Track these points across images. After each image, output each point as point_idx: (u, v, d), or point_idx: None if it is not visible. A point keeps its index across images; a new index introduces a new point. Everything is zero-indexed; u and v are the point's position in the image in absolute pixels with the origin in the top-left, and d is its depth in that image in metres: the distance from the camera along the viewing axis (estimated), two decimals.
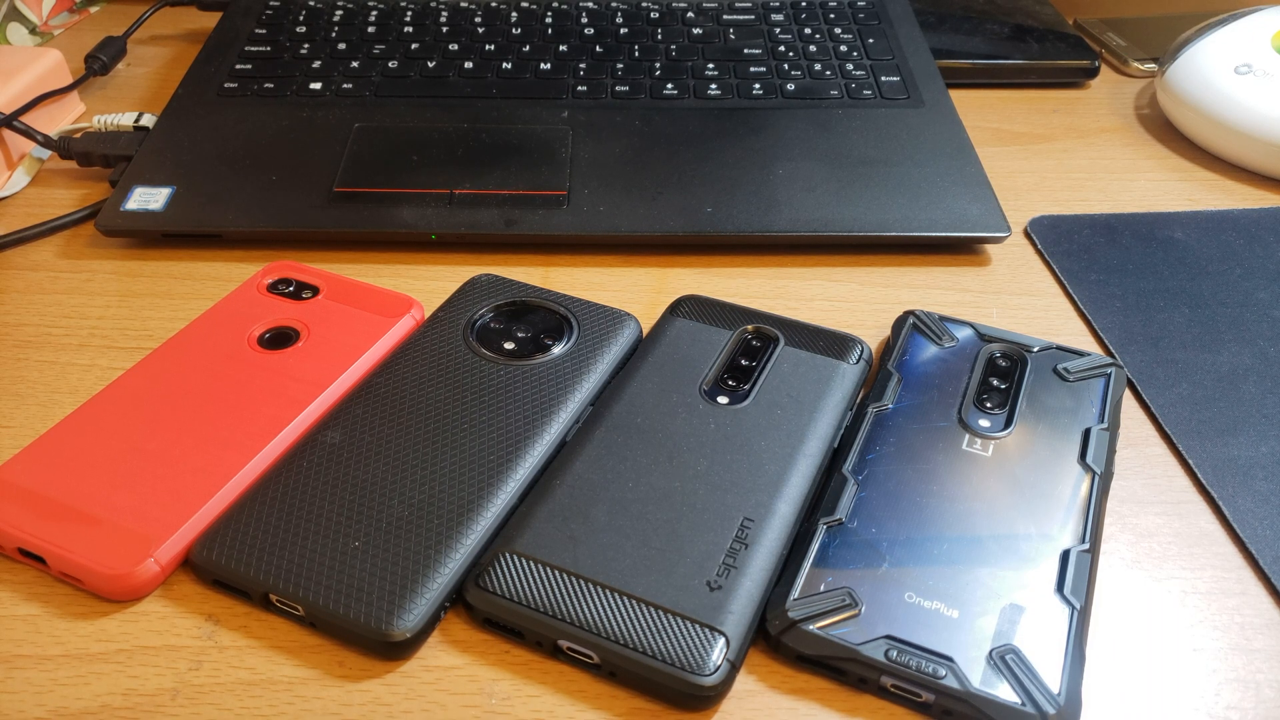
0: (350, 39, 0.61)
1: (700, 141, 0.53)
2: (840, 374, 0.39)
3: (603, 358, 0.40)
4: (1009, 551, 0.32)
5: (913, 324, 0.42)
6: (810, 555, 0.32)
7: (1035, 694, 0.28)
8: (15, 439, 0.38)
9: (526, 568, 0.31)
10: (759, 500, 0.33)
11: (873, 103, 0.56)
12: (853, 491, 0.34)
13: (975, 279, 0.47)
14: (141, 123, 0.55)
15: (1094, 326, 0.44)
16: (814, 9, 0.64)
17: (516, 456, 0.35)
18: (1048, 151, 0.58)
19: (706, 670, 0.29)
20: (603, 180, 0.50)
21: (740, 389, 0.38)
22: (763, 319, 0.41)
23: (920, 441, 0.36)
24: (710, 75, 0.58)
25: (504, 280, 0.43)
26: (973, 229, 0.48)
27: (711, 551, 0.32)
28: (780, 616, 0.30)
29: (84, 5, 0.73)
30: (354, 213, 0.48)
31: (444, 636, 0.32)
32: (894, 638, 0.30)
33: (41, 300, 0.45)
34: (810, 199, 0.49)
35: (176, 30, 0.70)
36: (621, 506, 0.33)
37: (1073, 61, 0.64)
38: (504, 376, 0.38)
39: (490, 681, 0.30)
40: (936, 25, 0.66)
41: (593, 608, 0.30)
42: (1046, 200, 0.53)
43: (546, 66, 0.59)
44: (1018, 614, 0.30)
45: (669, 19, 0.64)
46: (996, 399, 0.38)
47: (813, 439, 0.36)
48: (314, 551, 0.32)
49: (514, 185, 0.49)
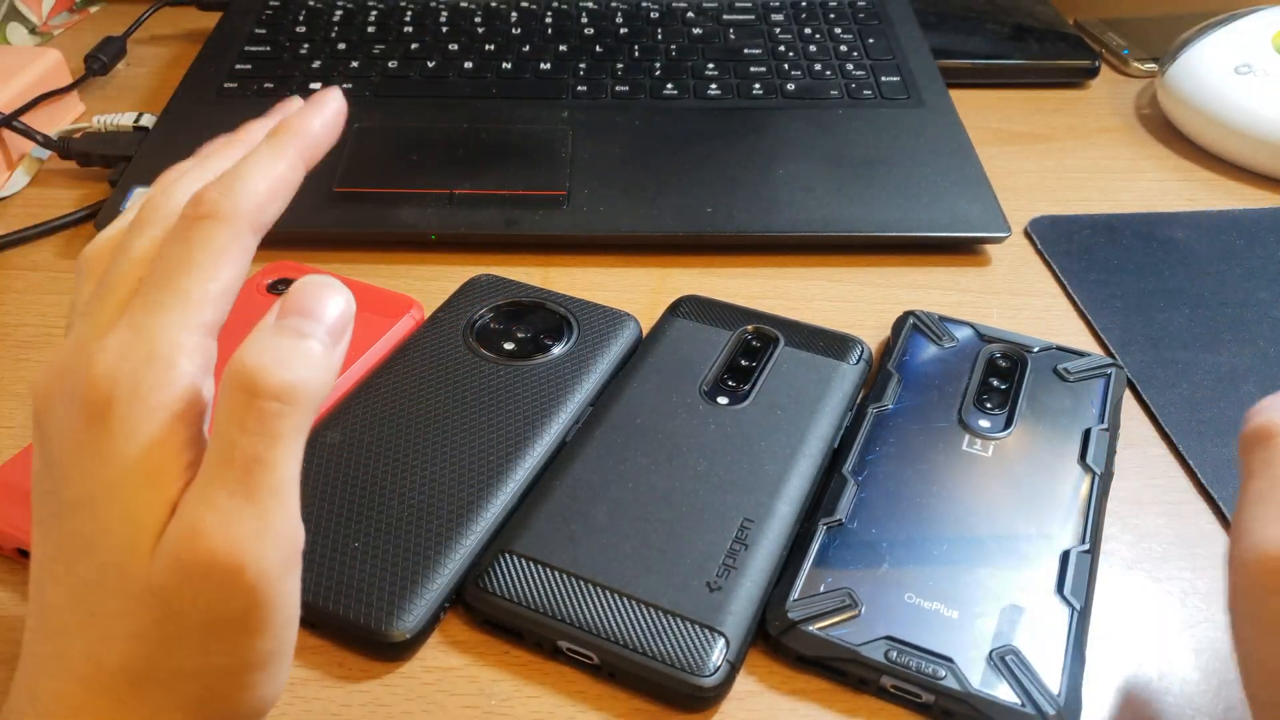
0: (350, 39, 0.61)
1: (700, 141, 0.53)
2: (840, 374, 0.39)
3: (603, 358, 0.40)
4: (1009, 552, 0.32)
5: (913, 324, 0.42)
6: (810, 556, 0.32)
7: (1035, 695, 0.28)
8: (15, 439, 0.38)
9: (526, 568, 0.31)
10: (759, 501, 0.33)
11: (873, 103, 0.56)
12: (853, 492, 0.34)
13: (975, 279, 0.47)
14: (141, 123, 0.55)
15: (1094, 327, 0.44)
16: (814, 9, 0.64)
17: (516, 457, 0.35)
18: (1048, 151, 0.57)
19: (706, 671, 0.29)
20: (602, 180, 0.50)
21: (740, 389, 0.38)
22: (763, 319, 0.41)
23: (920, 442, 0.36)
24: (710, 75, 0.58)
25: (504, 280, 0.43)
26: (973, 229, 0.48)
27: (711, 552, 0.32)
28: (780, 617, 0.30)
29: (84, 5, 0.73)
30: (354, 213, 0.48)
31: (444, 637, 0.32)
32: (894, 638, 0.30)
33: (41, 300, 0.45)
34: (810, 199, 0.49)
35: (176, 30, 0.69)
36: (621, 507, 0.33)
37: (1073, 61, 0.64)
38: (504, 377, 0.38)
39: (490, 682, 0.30)
40: (936, 25, 0.66)
41: (592, 608, 0.30)
42: (1046, 200, 0.53)
43: (546, 66, 0.59)
44: (1018, 615, 0.30)
45: (669, 19, 0.64)
46: (996, 399, 0.38)
47: (813, 439, 0.36)
48: (313, 552, 0.32)
49: (514, 185, 0.49)
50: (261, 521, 0.22)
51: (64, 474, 0.23)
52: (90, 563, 0.22)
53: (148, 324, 0.23)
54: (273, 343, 0.22)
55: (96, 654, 0.22)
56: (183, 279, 0.23)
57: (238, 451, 0.21)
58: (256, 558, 0.22)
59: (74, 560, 0.23)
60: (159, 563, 0.22)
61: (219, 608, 0.22)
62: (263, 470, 0.22)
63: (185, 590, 0.22)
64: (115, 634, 0.22)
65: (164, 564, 0.22)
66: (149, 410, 0.22)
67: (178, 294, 0.23)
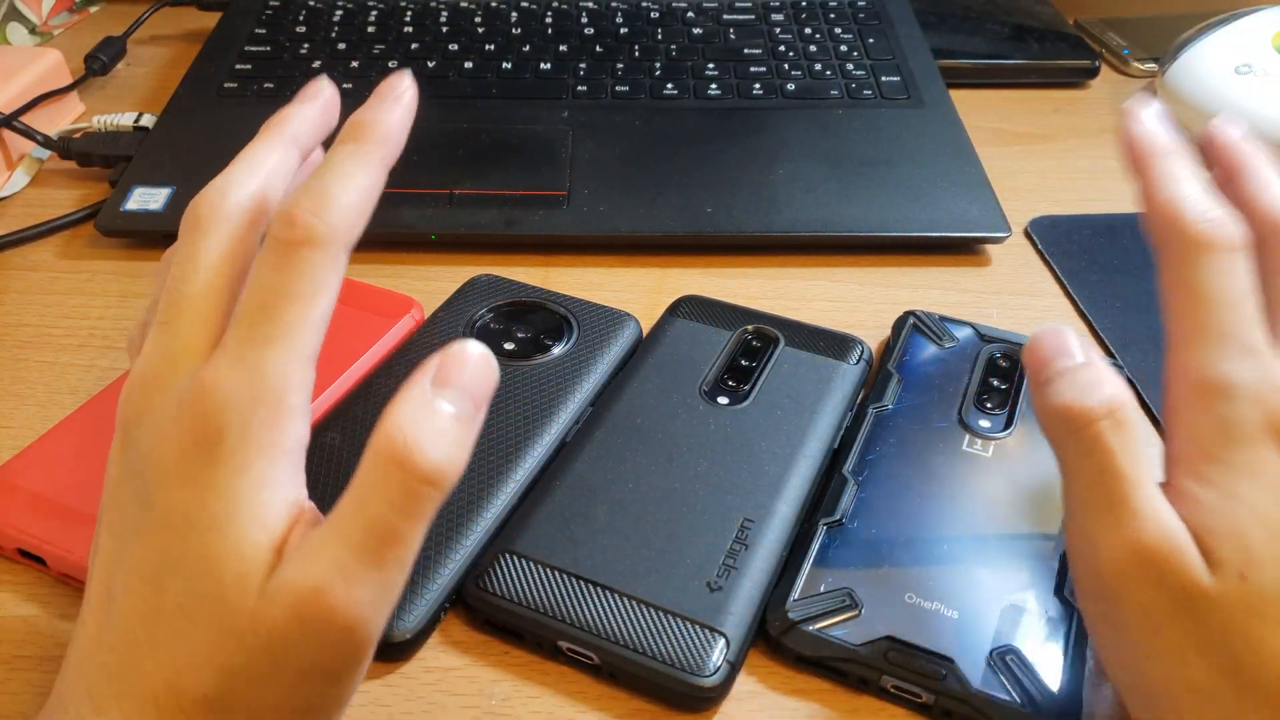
0: (350, 39, 0.61)
1: (700, 141, 0.53)
2: (840, 374, 0.39)
3: (603, 358, 0.40)
4: (1009, 552, 0.32)
5: (913, 324, 0.42)
6: (810, 556, 0.32)
7: (1035, 695, 0.28)
8: (15, 439, 0.38)
9: (526, 568, 0.31)
10: (759, 501, 0.33)
11: (873, 103, 0.56)
12: (853, 492, 0.34)
13: (975, 279, 0.47)
14: (141, 123, 0.55)
15: (1094, 327, 0.44)
16: (814, 9, 0.64)
17: (516, 457, 0.35)
18: (1048, 151, 0.57)
19: (706, 671, 0.29)
20: (603, 180, 0.50)
21: (740, 389, 0.38)
22: (763, 319, 0.41)
23: (920, 442, 0.36)
24: (710, 75, 0.58)
25: (504, 280, 0.43)
26: (973, 229, 0.48)
27: (711, 552, 0.32)
28: (780, 617, 0.30)
29: (84, 5, 0.73)
30: None
31: (444, 637, 0.32)
32: (894, 638, 0.30)
33: (41, 300, 0.45)
34: (810, 199, 0.49)
35: (176, 30, 0.69)
36: (621, 507, 0.33)
37: (1073, 61, 0.64)
38: (504, 377, 0.38)
39: (490, 682, 0.30)
40: (936, 25, 0.66)
41: (592, 608, 0.30)
42: (1047, 200, 0.53)
43: (546, 66, 0.59)
44: (1018, 615, 0.30)
45: (669, 19, 0.64)
46: (997, 399, 0.38)
47: (813, 439, 0.36)
48: None
49: (514, 185, 0.49)
50: (384, 589, 0.22)
51: (159, 493, 0.23)
52: (184, 588, 0.22)
53: (255, 359, 0.23)
54: (427, 417, 0.22)
55: (176, 680, 0.22)
56: (286, 311, 0.23)
57: (380, 525, 0.22)
58: (370, 620, 0.22)
59: (162, 581, 0.23)
60: (272, 606, 0.22)
61: (321, 659, 0.22)
62: (398, 544, 0.22)
63: (294, 639, 0.22)
64: (203, 663, 0.22)
65: (279, 610, 0.22)
66: (260, 448, 0.23)
67: (282, 326, 0.23)
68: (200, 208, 0.26)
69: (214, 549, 0.22)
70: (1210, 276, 0.25)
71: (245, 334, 0.23)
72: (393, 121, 0.26)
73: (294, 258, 0.24)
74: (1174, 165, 0.27)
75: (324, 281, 0.24)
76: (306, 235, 0.24)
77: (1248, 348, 0.24)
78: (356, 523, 0.22)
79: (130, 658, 0.23)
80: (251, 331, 0.23)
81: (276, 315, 0.23)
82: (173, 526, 0.23)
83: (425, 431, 0.22)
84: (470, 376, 0.23)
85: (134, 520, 0.23)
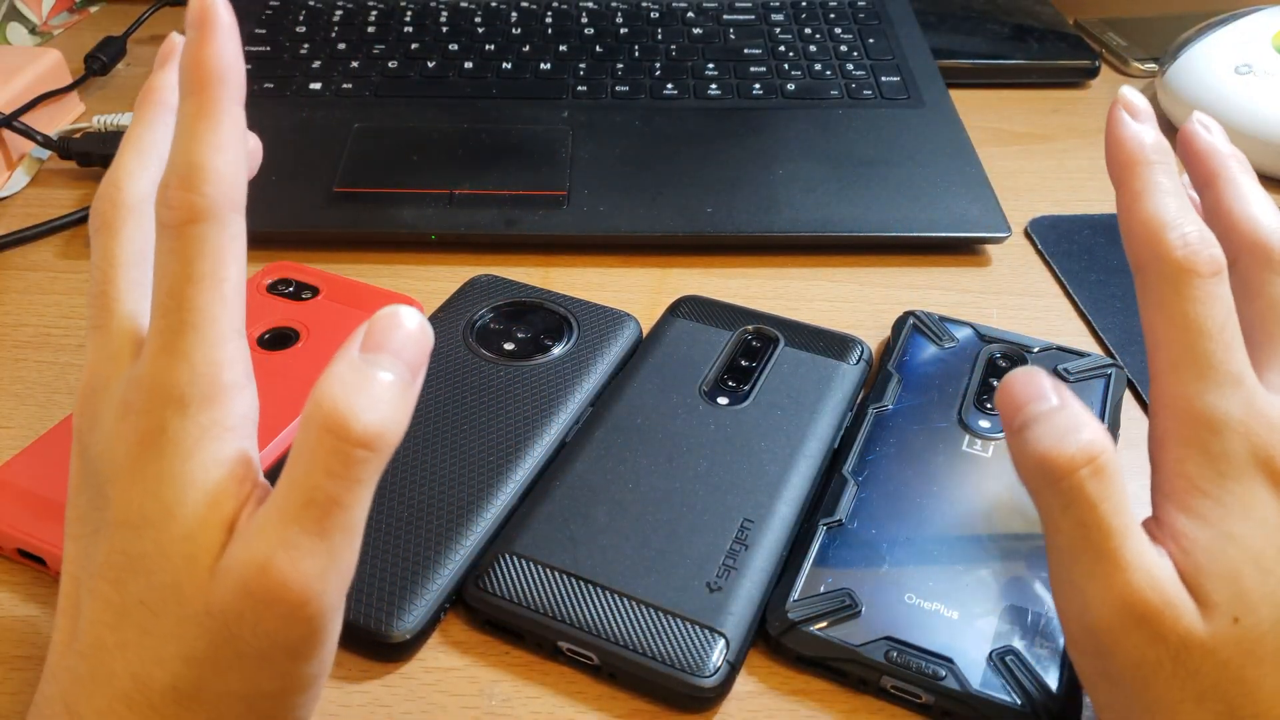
0: (350, 39, 0.61)
1: (700, 141, 0.53)
2: (840, 375, 0.39)
3: (603, 358, 0.40)
4: (1009, 552, 0.32)
5: (913, 324, 0.42)
6: (810, 556, 0.32)
7: (1035, 695, 0.28)
8: (15, 439, 0.38)
9: (526, 569, 0.31)
10: (759, 501, 0.33)
11: (873, 103, 0.56)
12: (853, 492, 0.34)
13: (975, 279, 0.47)
14: None
15: (1094, 327, 0.44)
16: (814, 9, 0.64)
17: (516, 457, 0.35)
18: (1048, 151, 0.57)
19: (706, 671, 0.29)
20: (603, 180, 0.50)
21: (740, 390, 0.38)
22: (763, 319, 0.41)
23: (920, 442, 0.36)
24: (710, 75, 0.58)
25: (504, 280, 0.43)
26: (973, 229, 0.48)
27: (711, 552, 0.32)
28: (780, 618, 0.30)
29: (84, 5, 0.73)
30: (354, 213, 0.48)
31: (444, 637, 0.32)
32: (894, 639, 0.30)
33: (41, 300, 0.45)
34: (810, 199, 0.49)
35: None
36: (621, 507, 0.33)
37: (1073, 61, 0.64)
38: (504, 377, 0.38)
39: (490, 683, 0.30)
40: (936, 25, 0.66)
41: (592, 609, 0.30)
42: (1047, 200, 0.53)
43: (546, 66, 0.59)
44: (1018, 615, 0.30)
45: (669, 19, 0.64)
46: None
47: (813, 440, 0.36)
48: None
49: (514, 185, 0.49)
50: (331, 558, 0.22)
51: (113, 493, 0.23)
52: (143, 582, 0.22)
53: (181, 346, 0.23)
54: (358, 382, 0.22)
55: (144, 673, 0.22)
56: (196, 295, 0.23)
57: (319, 494, 0.21)
58: (321, 592, 0.22)
59: (123, 579, 0.23)
60: (222, 586, 0.22)
61: (277, 636, 0.22)
62: (340, 511, 0.22)
63: (248, 617, 0.22)
64: (166, 654, 0.22)
65: (228, 589, 0.22)
66: (202, 430, 0.23)
67: (196, 310, 0.23)
68: (101, 206, 0.26)
69: (167, 537, 0.22)
70: (1192, 304, 0.25)
71: (165, 324, 0.23)
72: (218, 54, 0.24)
73: (185, 239, 0.23)
74: (1157, 176, 0.26)
75: (223, 253, 0.23)
76: (188, 214, 0.23)
77: (1232, 377, 0.24)
78: (296, 494, 0.22)
79: (99, 660, 0.23)
80: (169, 320, 0.23)
81: (187, 301, 0.23)
82: (130, 524, 0.23)
83: (356, 396, 0.22)
84: (401, 340, 0.23)
85: (94, 523, 0.24)
